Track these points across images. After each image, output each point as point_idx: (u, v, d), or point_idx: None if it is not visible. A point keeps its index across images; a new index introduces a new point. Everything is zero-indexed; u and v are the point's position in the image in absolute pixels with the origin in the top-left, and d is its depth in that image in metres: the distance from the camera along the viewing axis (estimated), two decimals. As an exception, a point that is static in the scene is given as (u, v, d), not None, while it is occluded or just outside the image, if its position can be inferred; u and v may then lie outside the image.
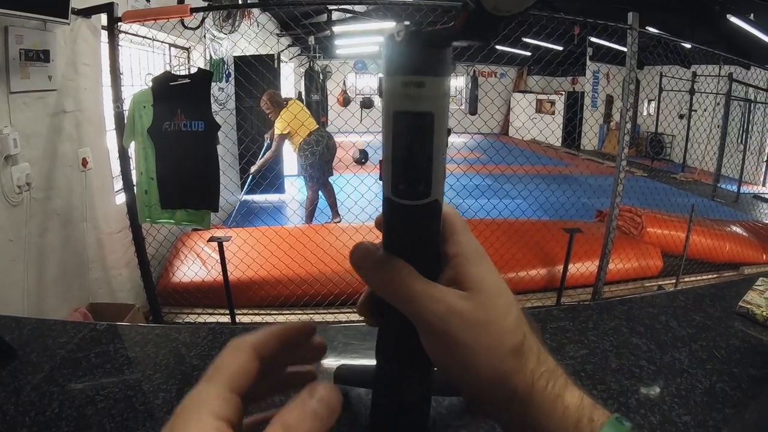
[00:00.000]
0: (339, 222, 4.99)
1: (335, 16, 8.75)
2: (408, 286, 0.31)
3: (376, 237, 0.35)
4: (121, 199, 3.03)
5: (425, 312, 0.31)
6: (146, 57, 4.00)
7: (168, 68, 4.26)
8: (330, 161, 4.89)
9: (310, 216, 5.06)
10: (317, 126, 4.86)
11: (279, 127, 4.63)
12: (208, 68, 4.64)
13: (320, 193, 5.12)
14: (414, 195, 0.29)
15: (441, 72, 0.27)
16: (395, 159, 0.28)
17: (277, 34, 8.22)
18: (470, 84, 14.03)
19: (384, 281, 0.32)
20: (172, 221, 2.85)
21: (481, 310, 0.31)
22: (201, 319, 3.08)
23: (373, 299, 0.35)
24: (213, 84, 3.11)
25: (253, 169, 5.03)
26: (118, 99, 2.72)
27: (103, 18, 2.72)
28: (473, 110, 13.08)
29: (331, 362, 0.97)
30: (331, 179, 5.10)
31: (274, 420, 0.25)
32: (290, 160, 6.44)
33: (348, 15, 8.81)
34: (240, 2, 4.86)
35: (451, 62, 0.28)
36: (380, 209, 0.32)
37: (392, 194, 0.29)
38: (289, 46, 9.59)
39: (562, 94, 13.65)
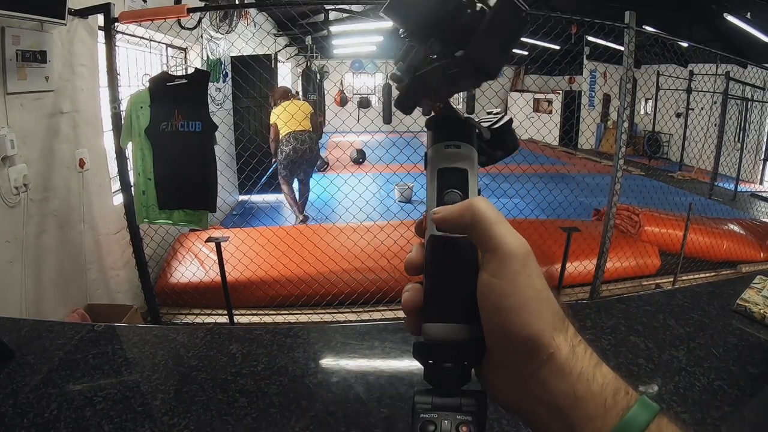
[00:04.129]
0: (303, 221, 5.14)
1: (332, 15, 8.74)
2: (487, 218, 0.35)
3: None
4: (118, 199, 3.02)
5: (507, 243, 0.34)
6: (143, 57, 3.99)
7: (165, 68, 4.25)
8: (299, 165, 5.10)
9: (297, 209, 5.25)
10: (303, 129, 4.98)
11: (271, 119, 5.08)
12: (205, 68, 4.64)
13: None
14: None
15: (470, 141, 0.39)
16: (439, 202, 0.38)
17: (274, 34, 8.22)
18: (467, 83, 13.99)
19: (464, 214, 0.35)
20: (169, 222, 2.85)
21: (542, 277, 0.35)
22: (199, 319, 3.08)
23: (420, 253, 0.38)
24: (210, 84, 3.10)
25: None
26: (115, 99, 2.71)
27: (100, 18, 2.71)
28: (470, 110, 13.04)
29: (329, 362, 0.97)
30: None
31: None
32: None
33: (345, 15, 8.80)
34: (237, 2, 4.85)
35: (475, 137, 0.40)
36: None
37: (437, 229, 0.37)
38: (286, 46, 9.59)
39: (559, 94, 13.67)
